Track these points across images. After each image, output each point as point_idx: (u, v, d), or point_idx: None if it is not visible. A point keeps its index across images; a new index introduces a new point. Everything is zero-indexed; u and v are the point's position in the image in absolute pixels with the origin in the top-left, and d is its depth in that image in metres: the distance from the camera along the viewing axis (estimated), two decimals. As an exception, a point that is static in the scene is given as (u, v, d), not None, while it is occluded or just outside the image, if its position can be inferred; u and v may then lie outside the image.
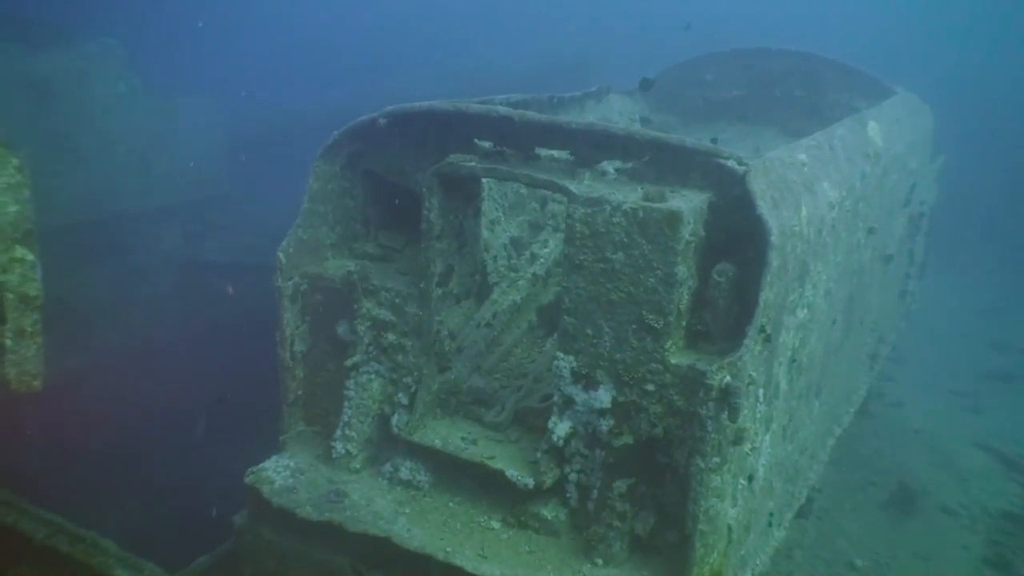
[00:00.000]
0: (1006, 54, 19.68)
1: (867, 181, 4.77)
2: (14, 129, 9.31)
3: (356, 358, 4.18)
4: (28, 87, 9.65)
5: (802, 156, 4.05)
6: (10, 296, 3.33)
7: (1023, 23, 21.46)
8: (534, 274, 4.98)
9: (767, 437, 3.83)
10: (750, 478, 3.68)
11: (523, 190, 5.31)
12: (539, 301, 4.95)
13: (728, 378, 3.23)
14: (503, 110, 3.76)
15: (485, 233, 4.92)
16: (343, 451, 4.19)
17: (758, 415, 3.59)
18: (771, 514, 4.30)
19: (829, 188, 4.16)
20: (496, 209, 5.18)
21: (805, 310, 4.01)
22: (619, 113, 6.92)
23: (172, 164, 11.42)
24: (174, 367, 8.24)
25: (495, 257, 4.98)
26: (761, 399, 3.59)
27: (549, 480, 3.79)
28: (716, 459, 3.35)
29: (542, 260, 5.08)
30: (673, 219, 3.34)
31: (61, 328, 9.37)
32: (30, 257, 3.41)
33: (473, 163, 3.82)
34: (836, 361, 5.17)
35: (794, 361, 4.02)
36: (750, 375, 3.34)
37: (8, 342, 3.32)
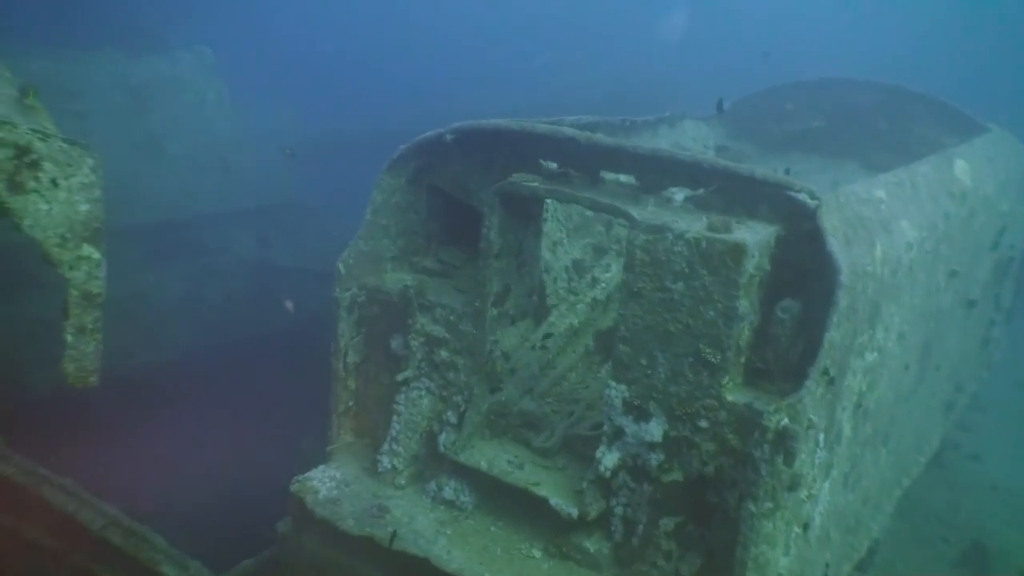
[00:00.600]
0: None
1: (951, 222, 4.54)
2: (110, 130, 9.76)
3: (407, 373, 4.17)
4: (126, 91, 10.10)
5: (880, 192, 3.87)
6: (74, 293, 3.43)
7: None
8: (594, 298, 4.89)
9: (826, 484, 3.64)
10: (805, 526, 3.51)
11: (588, 213, 5.24)
12: (597, 326, 4.85)
13: (786, 420, 3.09)
14: (569, 131, 3.70)
15: (546, 254, 4.86)
16: (389, 466, 4.17)
17: (817, 461, 3.42)
18: (827, 565, 4.09)
19: (908, 227, 3.97)
20: (559, 230, 5.12)
21: (875, 353, 3.82)
22: (693, 139, 6.79)
23: (249, 169, 11.76)
24: (237, 368, 8.42)
25: (555, 279, 4.91)
26: (821, 444, 3.42)
27: (594, 512, 3.68)
28: (769, 504, 3.20)
29: (603, 284, 4.99)
30: (737, 251, 3.22)
31: (138, 322, 9.72)
32: (96, 256, 3.50)
33: (536, 183, 3.77)
34: (907, 408, 4.91)
35: (860, 406, 3.82)
36: (810, 418, 3.18)
37: (69, 338, 3.41)
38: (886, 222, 3.78)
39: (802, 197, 3.35)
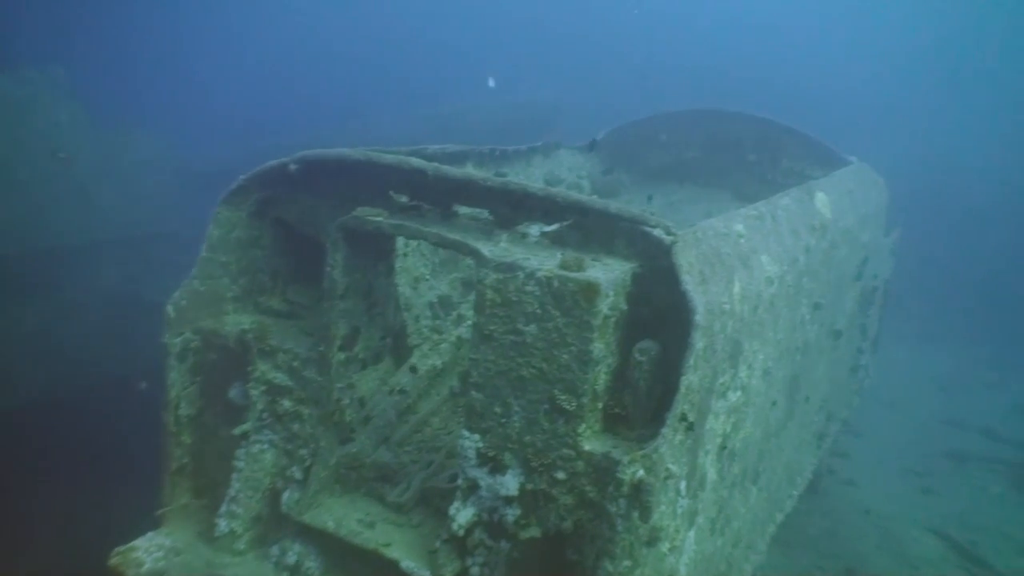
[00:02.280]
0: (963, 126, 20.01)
1: (812, 255, 4.52)
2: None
3: (247, 426, 3.79)
4: (-34, 112, 9.30)
5: (739, 227, 3.78)
6: None
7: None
8: (459, 337, 4.64)
9: (691, 533, 3.47)
10: (669, 580, 3.32)
11: None
12: (464, 366, 4.60)
13: (641, 472, 2.90)
14: (416, 163, 3.46)
15: (407, 291, 4.60)
16: (227, 529, 3.77)
17: (679, 510, 3.24)
18: (697, 616, 3.92)
19: (768, 262, 3.89)
20: (422, 265, 4.86)
21: (739, 392, 3.70)
22: (568, 169, 6.68)
23: (116, 198, 11.02)
24: (95, 414, 7.77)
25: (417, 317, 4.64)
26: (683, 493, 3.25)
27: (448, 573, 3.40)
28: (627, 563, 2.99)
29: (470, 322, 4.74)
30: (590, 290, 3.03)
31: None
32: None
33: (380, 218, 3.50)
34: (778, 443, 4.85)
35: (725, 448, 3.69)
36: (668, 468, 3.00)
37: None
38: (745, 257, 3.69)
39: (657, 233, 3.20)
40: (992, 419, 10.80)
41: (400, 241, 4.55)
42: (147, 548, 3.71)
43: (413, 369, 4.28)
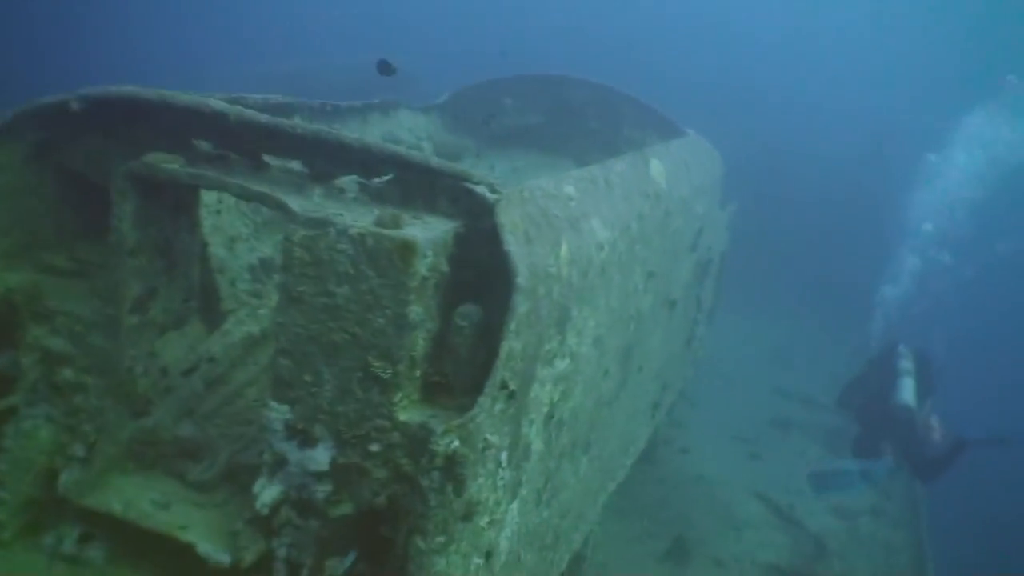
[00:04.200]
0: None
1: (646, 222, 4.48)
2: None
3: (14, 399, 3.32)
4: None
5: (569, 189, 3.66)
6: None
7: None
8: (281, 302, 4.30)
9: (514, 505, 3.34)
10: (488, 555, 3.18)
11: None
12: (284, 334, 4.27)
13: (456, 443, 2.72)
14: (216, 104, 3.09)
15: (221, 252, 4.21)
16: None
17: (500, 483, 3.10)
18: (520, 590, 3.82)
19: (600, 227, 3.80)
20: (242, 224, 4.47)
21: (567, 360, 3.59)
22: (408, 130, 6.40)
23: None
24: None
25: (233, 280, 4.26)
26: (505, 464, 3.10)
27: (250, 556, 3.11)
28: (441, 538, 2.82)
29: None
30: (407, 250, 2.80)
31: None
32: None
33: (176, 166, 3.11)
34: (610, 413, 4.83)
35: (552, 417, 3.58)
36: (486, 439, 2.84)
37: None
38: (575, 220, 3.57)
39: (480, 190, 3.01)
40: (813, 388, 11.48)
41: (213, 196, 4.15)
42: None
43: (224, 335, 3.92)
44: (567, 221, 3.48)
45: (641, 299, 4.77)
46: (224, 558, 3.08)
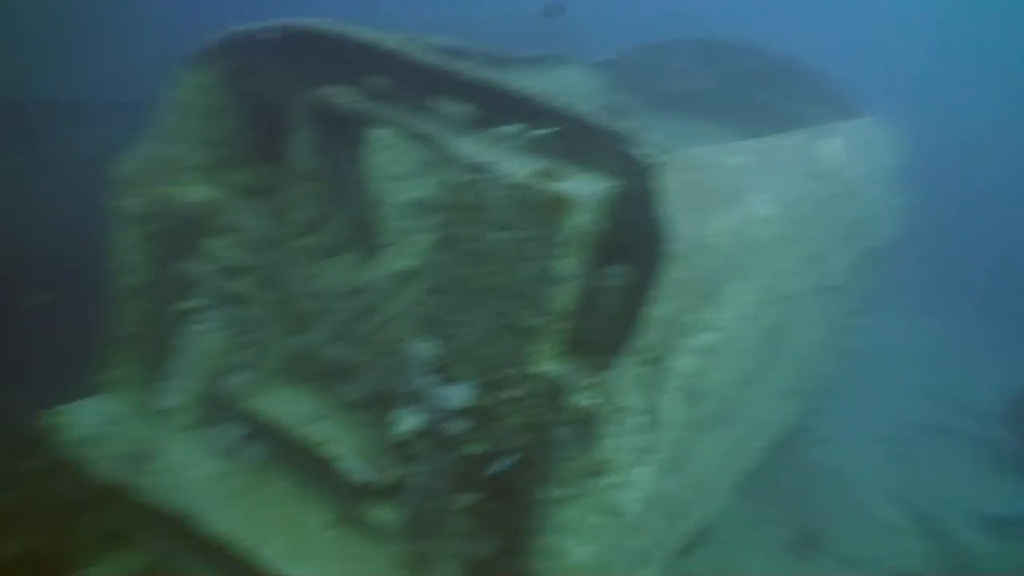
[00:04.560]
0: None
1: (810, 203, 4.27)
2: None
3: (193, 303, 3.62)
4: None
5: (734, 160, 3.53)
6: None
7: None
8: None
9: (643, 469, 3.34)
10: (613, 514, 3.20)
11: None
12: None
13: (591, 400, 2.74)
14: (391, 43, 3.19)
15: (384, 186, 4.36)
16: (167, 405, 3.65)
17: (631, 445, 3.10)
18: (644, 552, 3.84)
19: (761, 202, 3.65)
20: (406, 162, 4.60)
21: (711, 333, 3.51)
22: (573, 87, 6.34)
23: (114, 58, 10.60)
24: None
25: (391, 216, 4.42)
26: (639, 427, 3.10)
27: (388, 479, 3.29)
28: (567, 490, 2.87)
29: None
30: (561, 204, 2.81)
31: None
32: None
33: (351, 100, 3.25)
34: (752, 393, 4.70)
35: (690, 388, 3.52)
36: (622, 400, 2.84)
37: None
38: (738, 193, 3.45)
39: (644, 152, 2.96)
40: (974, 396, 10.67)
41: (381, 133, 4.29)
42: (82, 413, 3.60)
43: (379, 267, 4.09)
44: (728, 193, 3.37)
45: (796, 281, 4.58)
46: (363, 475, 3.27)
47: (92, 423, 3.55)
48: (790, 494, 7.30)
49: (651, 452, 3.37)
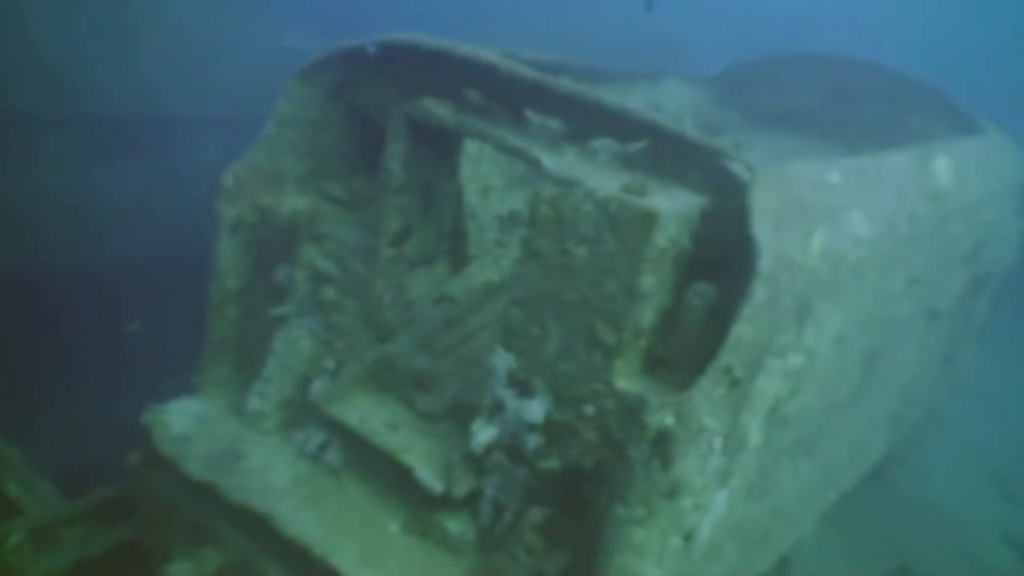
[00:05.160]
0: None
1: (918, 223, 4.07)
2: (81, 10, 9.12)
3: (285, 309, 3.75)
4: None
5: (834, 177, 3.41)
6: None
7: None
8: (523, 255, 4.45)
9: (721, 493, 3.25)
10: (688, 537, 3.12)
11: None
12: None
13: (670, 419, 2.68)
14: (488, 57, 3.22)
15: (474, 199, 4.42)
16: (257, 408, 3.78)
17: (710, 467, 3.02)
18: (716, 580, 3.73)
19: (861, 221, 3.51)
20: (497, 175, 4.66)
21: (801, 356, 3.39)
22: (673, 101, 6.27)
23: (230, 75, 11.12)
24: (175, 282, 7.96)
25: (481, 228, 4.47)
26: (717, 449, 3.01)
27: (461, 490, 3.30)
28: (641, 511, 2.81)
29: None
30: (648, 219, 2.77)
31: (79, 220, 9.22)
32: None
33: (445, 112, 3.30)
34: (843, 419, 4.51)
35: (775, 412, 3.41)
36: (701, 420, 2.77)
37: None
38: (834, 211, 3.33)
39: (735, 167, 2.89)
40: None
41: (474, 146, 4.35)
42: (179, 412, 3.76)
43: (466, 279, 4.14)
44: (825, 211, 3.26)
45: (898, 304, 4.37)
46: (437, 486, 3.30)
47: (187, 422, 3.71)
48: (883, 527, 6.96)
49: (730, 476, 3.28)
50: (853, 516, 6.61)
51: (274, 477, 3.51)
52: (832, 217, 3.29)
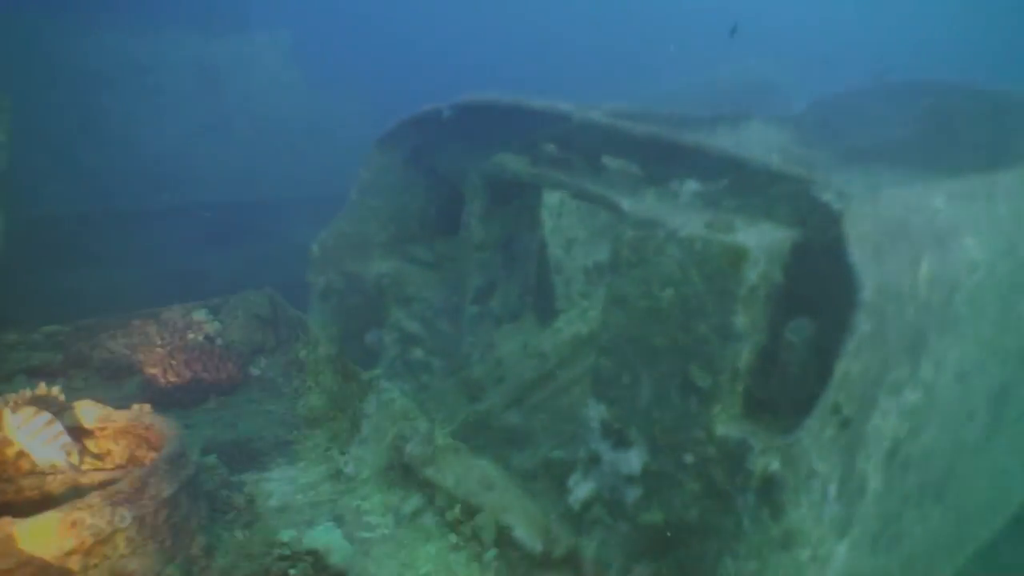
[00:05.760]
0: None
1: (1040, 245, 3.77)
2: (181, 107, 9.79)
3: (377, 371, 3.76)
4: (199, 69, 10.13)
5: (938, 201, 3.20)
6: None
7: None
8: (612, 306, 4.37)
9: (842, 545, 3.01)
10: (808, 594, 2.89)
11: None
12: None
13: (776, 465, 2.51)
14: (563, 107, 3.22)
15: (559, 252, 4.39)
16: (353, 472, 3.77)
17: (826, 516, 2.80)
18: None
19: (974, 246, 3.27)
20: (580, 228, 4.61)
21: (919, 392, 3.15)
22: (758, 144, 6.10)
23: (323, 157, 11.64)
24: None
25: (568, 281, 4.42)
26: (833, 496, 2.80)
27: (561, 548, 3.18)
28: (754, 564, 2.62)
29: None
30: (737, 256, 2.66)
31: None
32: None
33: (521, 165, 3.30)
34: (975, 462, 4.16)
35: (896, 454, 3.16)
36: (811, 465, 2.59)
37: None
38: (942, 236, 3.11)
39: (825, 196, 2.75)
40: None
41: (555, 199, 4.34)
42: (279, 479, 3.80)
43: (555, 333, 4.08)
44: (931, 236, 3.05)
45: (1024, 334, 4.04)
46: (536, 546, 3.19)
47: (287, 490, 3.73)
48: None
49: (851, 525, 3.03)
50: (999, 568, 6.06)
51: (371, 539, 3.47)
52: (939, 242, 3.08)
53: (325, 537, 3.44)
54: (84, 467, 3.02)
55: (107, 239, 9.73)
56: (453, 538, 3.51)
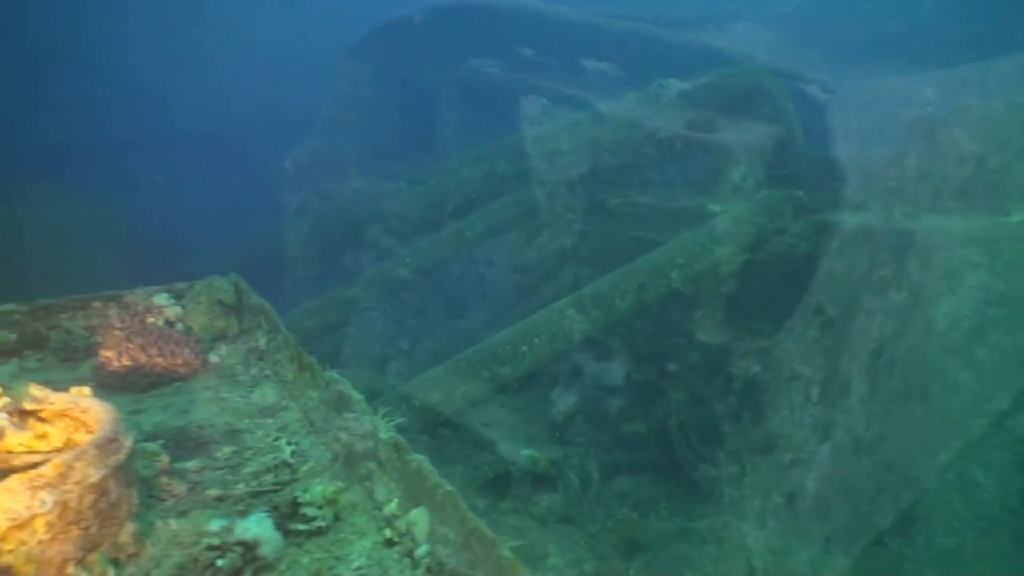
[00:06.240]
0: None
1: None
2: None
3: (355, 291, 3.69)
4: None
5: (928, 92, 3.09)
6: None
7: None
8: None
9: (824, 447, 3.00)
10: (790, 496, 2.90)
11: None
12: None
13: (757, 368, 2.48)
14: (536, 5, 3.06)
15: (541, 164, 4.26)
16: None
17: (808, 419, 2.79)
18: (827, 540, 3.46)
19: (963, 136, 3.17)
20: (564, 139, 4.47)
21: (905, 291, 3.09)
22: (747, 44, 5.90)
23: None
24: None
25: (551, 193, 4.31)
26: (815, 399, 2.78)
27: (544, 460, 3.17)
28: (734, 468, 2.62)
29: None
30: (720, 155, 2.57)
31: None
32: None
33: (495, 70, 3.17)
34: (961, 362, 4.14)
35: (881, 355, 3.13)
36: (793, 367, 2.55)
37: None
38: (931, 130, 3.00)
39: (811, 90, 2.65)
40: None
41: (536, 108, 4.20)
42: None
43: (539, 247, 4.00)
44: (920, 131, 2.95)
45: None
46: (520, 458, 3.17)
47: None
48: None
49: (834, 428, 3.02)
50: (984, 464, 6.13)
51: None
52: (929, 136, 2.98)
53: (256, 528, 3.41)
54: (17, 450, 2.95)
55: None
56: (388, 532, 3.49)
